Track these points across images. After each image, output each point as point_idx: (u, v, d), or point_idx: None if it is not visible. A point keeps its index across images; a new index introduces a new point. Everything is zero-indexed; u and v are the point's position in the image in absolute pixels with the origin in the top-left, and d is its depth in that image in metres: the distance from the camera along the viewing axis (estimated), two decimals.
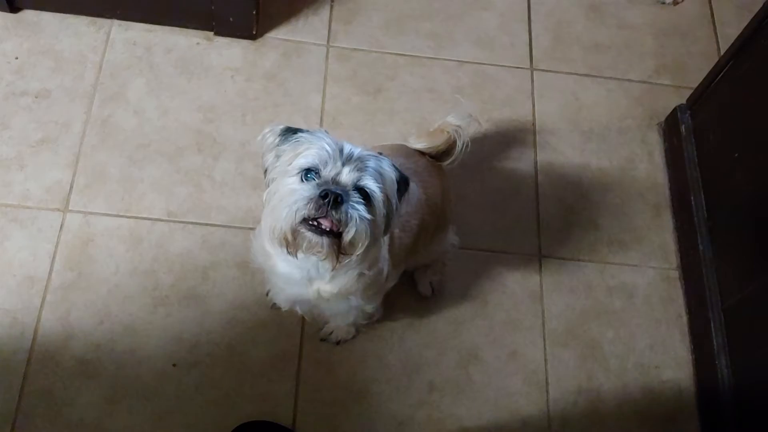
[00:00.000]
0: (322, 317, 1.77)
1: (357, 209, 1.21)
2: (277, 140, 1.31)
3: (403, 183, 1.32)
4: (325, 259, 1.27)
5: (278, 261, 1.44)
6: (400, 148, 1.73)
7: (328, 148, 1.24)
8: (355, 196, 1.22)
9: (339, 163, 1.23)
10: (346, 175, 1.23)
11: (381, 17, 2.35)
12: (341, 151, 1.24)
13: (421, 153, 1.73)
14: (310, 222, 1.21)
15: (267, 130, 1.33)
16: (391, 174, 1.29)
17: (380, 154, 1.30)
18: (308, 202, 1.20)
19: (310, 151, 1.24)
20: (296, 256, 1.30)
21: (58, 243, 1.89)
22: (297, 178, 1.24)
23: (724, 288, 1.91)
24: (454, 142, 1.71)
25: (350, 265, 1.37)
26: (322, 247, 1.23)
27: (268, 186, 1.32)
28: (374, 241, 1.30)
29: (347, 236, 1.21)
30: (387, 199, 1.28)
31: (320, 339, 1.85)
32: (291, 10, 2.30)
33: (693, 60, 2.42)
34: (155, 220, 1.95)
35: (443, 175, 1.76)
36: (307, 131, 1.29)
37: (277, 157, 1.31)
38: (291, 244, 1.25)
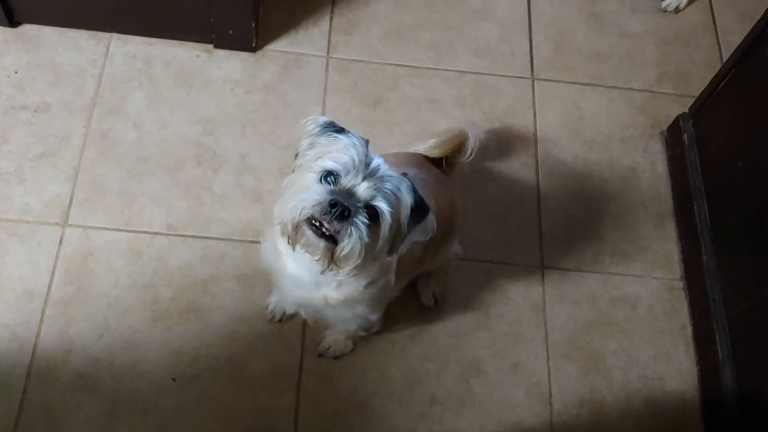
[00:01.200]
0: (324, 323, 1.76)
1: (359, 229, 1.21)
2: (317, 130, 1.32)
3: (420, 210, 1.30)
4: (317, 260, 1.28)
5: (288, 261, 1.44)
6: (414, 158, 1.73)
7: (355, 157, 1.24)
8: (363, 214, 1.22)
9: (360, 176, 1.23)
10: (363, 191, 1.23)
11: (381, 28, 2.34)
12: (368, 164, 1.25)
13: (434, 163, 1.73)
14: (313, 221, 1.23)
15: (310, 117, 1.34)
16: (407, 199, 1.28)
17: (405, 175, 1.29)
18: (316, 205, 1.21)
19: (337, 155, 1.25)
20: (293, 249, 1.32)
21: (57, 257, 1.89)
22: (317, 177, 1.26)
23: (728, 298, 1.89)
24: (465, 139, 1.75)
25: (354, 274, 1.37)
26: (317, 248, 1.25)
27: (293, 171, 1.33)
28: (371, 261, 1.32)
29: (341, 251, 1.23)
30: (396, 223, 1.28)
31: (318, 354, 1.84)
32: (291, 22, 2.30)
33: (695, 68, 2.41)
34: (155, 234, 1.94)
35: (452, 185, 1.77)
36: (346, 134, 1.29)
37: (311, 146, 1.32)
38: (291, 236, 1.28)
